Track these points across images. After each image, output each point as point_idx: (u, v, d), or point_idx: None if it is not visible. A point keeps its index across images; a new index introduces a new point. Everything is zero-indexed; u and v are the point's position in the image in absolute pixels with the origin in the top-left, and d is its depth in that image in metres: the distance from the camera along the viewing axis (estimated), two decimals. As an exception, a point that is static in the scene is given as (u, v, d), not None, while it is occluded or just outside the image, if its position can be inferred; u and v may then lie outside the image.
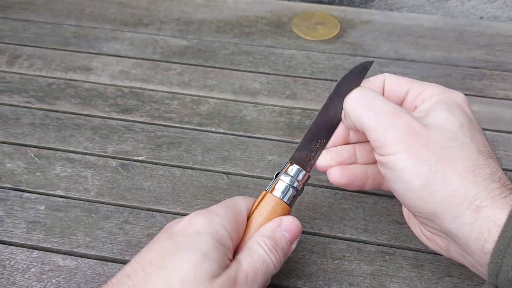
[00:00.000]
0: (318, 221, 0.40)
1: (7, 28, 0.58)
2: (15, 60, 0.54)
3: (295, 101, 0.50)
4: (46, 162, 0.44)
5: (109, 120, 0.48)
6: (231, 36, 0.58)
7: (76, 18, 0.60)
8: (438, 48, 0.57)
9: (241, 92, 0.51)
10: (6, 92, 0.50)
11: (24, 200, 0.41)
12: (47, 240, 0.38)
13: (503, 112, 0.49)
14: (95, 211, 0.40)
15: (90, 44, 0.56)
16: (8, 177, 0.43)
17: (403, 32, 0.59)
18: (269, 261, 0.29)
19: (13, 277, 0.36)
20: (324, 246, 0.38)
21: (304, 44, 0.57)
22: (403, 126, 0.29)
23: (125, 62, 0.54)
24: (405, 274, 0.37)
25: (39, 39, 0.57)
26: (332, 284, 0.36)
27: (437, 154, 0.28)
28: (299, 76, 0.53)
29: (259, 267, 0.29)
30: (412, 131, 0.28)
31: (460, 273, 0.37)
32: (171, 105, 0.49)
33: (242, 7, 0.62)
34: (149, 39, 0.57)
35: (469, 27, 0.60)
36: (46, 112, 0.48)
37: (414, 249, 0.38)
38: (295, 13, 0.62)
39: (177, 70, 0.53)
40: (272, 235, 0.30)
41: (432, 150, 0.28)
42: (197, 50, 0.56)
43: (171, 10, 0.62)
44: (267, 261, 0.29)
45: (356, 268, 0.37)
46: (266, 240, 0.30)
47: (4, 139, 0.46)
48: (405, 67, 0.54)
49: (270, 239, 0.30)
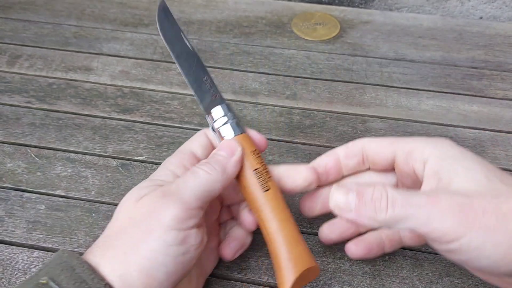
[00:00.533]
0: (318, 221, 0.40)
1: (8, 28, 0.58)
2: (16, 60, 0.54)
3: (295, 101, 0.50)
4: (47, 162, 0.44)
5: (109, 120, 0.48)
6: (231, 36, 0.58)
7: (76, 18, 0.60)
8: (438, 48, 0.57)
9: (241, 92, 0.51)
10: (7, 92, 0.50)
11: (24, 200, 0.41)
12: (48, 240, 0.38)
13: (503, 112, 0.50)
14: (96, 211, 0.40)
15: (90, 44, 0.56)
16: (9, 177, 0.43)
17: (402, 32, 0.59)
18: (198, 170, 0.30)
19: (14, 277, 0.36)
20: (324, 246, 0.38)
21: (304, 44, 0.57)
22: (450, 206, 0.28)
23: (125, 62, 0.54)
24: (404, 274, 0.37)
25: (40, 39, 0.57)
26: (332, 284, 0.36)
27: (497, 215, 0.27)
28: (299, 76, 0.53)
29: (190, 176, 0.30)
30: (462, 207, 0.27)
31: (460, 272, 0.37)
32: (172, 105, 0.50)
33: (242, 8, 0.62)
34: (149, 39, 0.57)
35: (469, 27, 0.60)
36: (46, 112, 0.49)
37: (414, 248, 0.38)
38: (295, 14, 0.62)
39: (177, 70, 0.54)
40: (208, 157, 0.32)
41: (490, 214, 0.27)
42: (197, 50, 0.56)
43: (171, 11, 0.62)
44: (196, 170, 0.30)
45: (355, 268, 0.37)
46: (201, 162, 0.32)
47: (4, 139, 0.46)
48: (404, 67, 0.55)
49: (205, 160, 0.32)
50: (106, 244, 0.28)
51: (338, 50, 0.57)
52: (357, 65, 0.55)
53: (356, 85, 0.52)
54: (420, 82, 0.53)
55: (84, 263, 0.27)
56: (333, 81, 0.53)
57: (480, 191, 0.28)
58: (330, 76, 0.53)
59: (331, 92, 0.51)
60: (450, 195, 0.28)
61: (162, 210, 0.28)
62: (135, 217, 0.29)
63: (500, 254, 0.27)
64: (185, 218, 0.28)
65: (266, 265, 0.37)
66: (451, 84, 0.53)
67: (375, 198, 0.28)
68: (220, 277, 0.37)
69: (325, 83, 0.53)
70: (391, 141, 0.33)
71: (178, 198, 0.29)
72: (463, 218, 0.27)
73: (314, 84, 0.52)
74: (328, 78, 0.53)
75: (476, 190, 0.28)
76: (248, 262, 0.37)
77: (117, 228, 0.29)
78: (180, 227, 0.28)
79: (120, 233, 0.29)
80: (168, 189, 0.29)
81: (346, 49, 0.57)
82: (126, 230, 0.28)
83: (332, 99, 0.51)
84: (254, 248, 0.38)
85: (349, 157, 0.34)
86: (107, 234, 0.29)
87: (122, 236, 0.28)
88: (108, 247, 0.28)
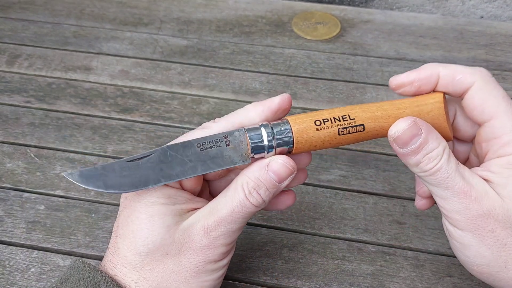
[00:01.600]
0: (319, 221, 0.40)
1: (7, 28, 0.58)
2: (15, 60, 0.54)
3: (296, 101, 0.50)
4: (46, 162, 0.44)
5: (109, 120, 0.48)
6: (231, 35, 0.58)
7: (76, 18, 0.60)
8: (439, 47, 0.57)
9: (241, 92, 0.51)
10: (6, 91, 0.50)
11: (24, 200, 0.41)
12: (47, 240, 0.38)
13: (504, 112, 0.49)
14: (95, 211, 0.40)
15: (90, 43, 0.56)
16: (8, 177, 0.43)
17: (403, 31, 0.59)
18: (249, 204, 0.28)
19: (13, 277, 0.36)
20: (325, 246, 0.38)
21: (304, 43, 0.57)
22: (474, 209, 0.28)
23: (125, 61, 0.54)
24: (405, 274, 0.37)
25: (39, 39, 0.57)
26: (333, 284, 0.36)
27: (501, 241, 0.28)
28: (300, 75, 0.53)
29: (238, 212, 0.28)
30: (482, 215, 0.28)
31: (461, 273, 0.37)
32: (171, 104, 0.49)
33: (242, 7, 0.62)
34: (149, 39, 0.57)
35: (470, 27, 0.60)
36: (46, 112, 0.48)
37: (415, 249, 0.38)
38: (295, 13, 0.62)
39: (177, 69, 0.53)
40: (257, 177, 0.29)
41: (497, 236, 0.28)
42: (197, 49, 0.56)
43: (171, 10, 0.61)
44: (247, 205, 0.28)
45: (356, 268, 0.37)
46: (249, 182, 0.28)
47: (4, 139, 0.46)
48: (405, 66, 0.54)
49: (254, 180, 0.28)
50: (149, 281, 0.28)
51: (338, 50, 0.57)
52: (358, 64, 0.55)
53: (356, 84, 0.52)
54: (421, 82, 0.53)
55: (108, 278, 0.27)
56: (334, 80, 0.53)
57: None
58: (331, 76, 0.53)
59: (331, 92, 0.51)
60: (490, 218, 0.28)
61: (209, 250, 0.28)
62: (175, 255, 0.28)
63: (476, 263, 0.29)
64: (230, 249, 0.29)
65: (267, 266, 0.37)
66: (452, 83, 0.53)
67: (431, 156, 0.28)
68: (220, 277, 0.36)
69: (326, 83, 0.52)
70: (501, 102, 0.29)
71: (225, 237, 0.28)
72: (474, 219, 0.28)
73: (315, 84, 0.52)
74: (328, 77, 0.53)
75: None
76: (248, 262, 0.37)
77: (154, 264, 0.28)
78: (226, 256, 0.29)
79: (161, 270, 0.28)
80: (214, 226, 0.28)
81: (347, 49, 0.57)
82: (168, 267, 0.28)
83: (333, 99, 0.51)
84: (254, 248, 0.38)
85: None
86: (140, 267, 0.28)
87: (166, 274, 0.28)
88: (152, 285, 0.28)
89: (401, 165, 0.44)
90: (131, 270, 0.28)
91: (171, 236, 0.28)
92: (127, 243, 0.29)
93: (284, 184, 0.29)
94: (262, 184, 0.28)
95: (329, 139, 0.29)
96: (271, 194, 0.29)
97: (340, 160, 0.45)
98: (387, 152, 0.45)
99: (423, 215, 0.40)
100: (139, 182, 0.27)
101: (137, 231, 0.28)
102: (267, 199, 0.29)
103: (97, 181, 0.27)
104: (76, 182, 0.27)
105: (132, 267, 0.28)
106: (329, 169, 0.44)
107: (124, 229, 0.29)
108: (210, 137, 0.29)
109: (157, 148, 0.29)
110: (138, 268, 0.28)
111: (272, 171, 0.29)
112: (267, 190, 0.29)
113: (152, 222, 0.28)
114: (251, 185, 0.28)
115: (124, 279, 0.28)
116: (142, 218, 0.28)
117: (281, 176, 0.29)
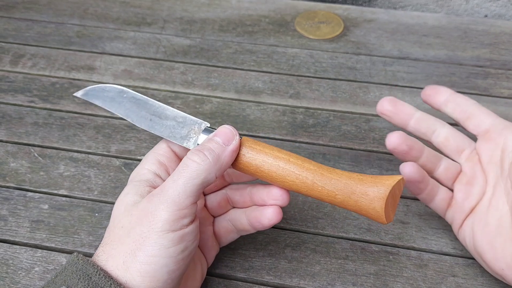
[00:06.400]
0: (322, 221, 0.40)
1: (11, 28, 0.58)
2: (19, 60, 0.54)
3: (299, 100, 0.50)
4: (50, 161, 0.44)
5: (112, 120, 0.48)
6: (234, 35, 0.58)
7: (79, 18, 0.60)
8: (442, 46, 0.57)
9: (244, 91, 0.51)
10: (10, 91, 0.50)
11: (27, 199, 0.41)
12: (51, 239, 0.38)
13: (508, 111, 0.49)
14: (99, 211, 0.40)
15: (93, 43, 0.56)
16: (12, 177, 0.43)
17: (407, 30, 0.59)
18: (189, 162, 0.29)
19: (17, 276, 0.36)
20: (328, 245, 0.38)
21: (307, 43, 0.57)
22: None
23: (128, 61, 0.54)
24: (408, 274, 0.37)
25: (43, 39, 0.57)
26: (336, 284, 0.36)
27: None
28: (303, 75, 0.53)
29: (179, 172, 0.28)
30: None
31: (465, 273, 0.36)
32: (174, 104, 0.49)
33: (245, 6, 0.62)
34: (152, 38, 0.57)
35: (474, 26, 0.60)
36: (49, 112, 0.49)
37: (418, 248, 0.38)
38: (298, 12, 0.61)
39: (180, 69, 0.53)
40: (201, 144, 0.30)
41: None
42: (200, 49, 0.56)
43: (174, 9, 0.62)
44: (188, 163, 0.29)
45: (359, 268, 0.37)
46: (192, 150, 0.30)
47: (7, 138, 0.46)
48: (409, 65, 0.54)
49: (197, 147, 0.30)
50: (105, 254, 0.29)
51: (341, 49, 0.56)
52: (361, 63, 0.55)
53: (360, 84, 0.52)
54: (425, 81, 0.52)
55: (100, 270, 0.27)
56: (337, 80, 0.53)
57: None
58: (334, 75, 0.53)
59: (334, 91, 0.51)
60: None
61: (152, 216, 0.28)
62: (126, 226, 0.29)
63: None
64: (178, 219, 0.28)
65: (269, 265, 0.37)
66: (455, 83, 0.52)
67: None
68: (223, 277, 0.36)
69: (329, 82, 0.52)
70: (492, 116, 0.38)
71: (168, 200, 0.28)
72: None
73: (318, 83, 0.52)
74: (331, 77, 0.53)
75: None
76: (251, 262, 0.37)
77: (113, 237, 0.29)
78: (174, 228, 0.28)
79: (115, 242, 0.29)
80: (156, 192, 0.29)
81: (350, 48, 0.57)
82: (120, 239, 0.28)
83: (336, 98, 0.50)
84: (257, 247, 0.38)
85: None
86: (105, 242, 0.29)
87: (118, 246, 0.28)
88: (107, 257, 0.28)
89: (405, 164, 0.44)
90: (99, 247, 0.29)
91: (128, 210, 0.29)
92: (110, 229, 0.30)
93: (230, 147, 0.30)
94: (205, 146, 0.30)
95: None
96: (215, 153, 0.29)
97: (343, 159, 0.44)
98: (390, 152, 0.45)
99: (427, 214, 0.40)
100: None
101: (112, 212, 0.31)
102: (210, 156, 0.29)
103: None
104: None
105: (101, 244, 0.29)
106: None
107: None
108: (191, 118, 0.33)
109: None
110: (103, 243, 0.29)
111: (215, 136, 0.30)
112: (210, 149, 0.29)
113: (118, 200, 0.31)
114: (194, 150, 0.30)
115: (95, 257, 0.29)
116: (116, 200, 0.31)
117: (224, 136, 0.30)
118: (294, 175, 0.30)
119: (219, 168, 0.29)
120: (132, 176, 0.32)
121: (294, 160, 0.30)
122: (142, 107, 0.33)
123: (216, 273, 0.36)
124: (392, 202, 0.30)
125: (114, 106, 0.33)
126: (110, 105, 0.34)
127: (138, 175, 0.32)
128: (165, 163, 0.32)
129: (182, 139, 0.32)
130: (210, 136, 0.31)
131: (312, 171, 0.30)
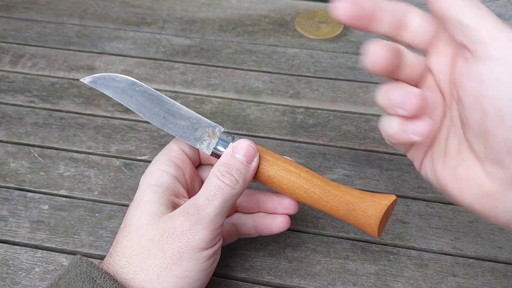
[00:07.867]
0: (322, 221, 0.40)
1: (10, 28, 0.58)
2: (18, 60, 0.54)
3: (299, 100, 0.50)
4: (50, 161, 0.44)
5: (112, 120, 0.48)
6: (234, 35, 0.58)
7: (79, 18, 0.60)
8: (442, 46, 0.57)
9: (244, 91, 0.51)
10: (10, 91, 0.50)
11: (27, 199, 0.41)
12: (51, 239, 0.38)
13: (508, 111, 0.49)
14: (99, 211, 0.40)
15: (93, 43, 0.56)
16: (12, 177, 0.43)
17: (406, 30, 0.59)
18: (223, 186, 0.30)
19: (17, 276, 0.36)
20: (328, 245, 0.38)
21: (307, 42, 0.57)
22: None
23: (128, 61, 0.54)
24: (409, 274, 0.37)
25: (42, 39, 0.57)
26: (336, 284, 0.36)
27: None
28: (303, 75, 0.53)
29: (214, 194, 0.29)
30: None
31: (465, 272, 0.37)
32: (174, 104, 0.49)
33: (245, 6, 0.62)
34: (152, 38, 0.57)
35: (473, 25, 0.60)
36: (49, 112, 0.48)
37: (418, 248, 0.38)
38: (298, 12, 0.61)
39: (180, 69, 0.53)
40: (226, 162, 0.31)
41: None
42: (200, 49, 0.56)
43: (174, 9, 0.62)
44: (222, 187, 0.29)
45: (360, 268, 0.37)
46: (220, 167, 0.30)
47: (7, 138, 0.46)
48: (408, 65, 0.54)
49: (223, 165, 0.30)
50: (134, 267, 0.29)
51: (341, 49, 0.56)
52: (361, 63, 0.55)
53: (360, 83, 0.52)
54: (424, 81, 0.52)
55: (104, 273, 0.28)
56: (337, 79, 0.53)
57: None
58: (334, 75, 0.53)
59: (334, 91, 0.51)
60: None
61: (191, 233, 0.29)
62: (157, 240, 0.29)
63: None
64: (214, 237, 0.30)
65: (270, 265, 0.37)
66: (455, 82, 0.52)
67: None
68: (223, 277, 0.36)
69: (329, 82, 0.52)
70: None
71: (206, 220, 0.29)
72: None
73: (318, 83, 0.52)
74: (331, 77, 0.53)
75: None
76: (251, 262, 0.37)
77: (140, 249, 0.29)
78: (210, 245, 0.30)
79: (144, 255, 0.29)
80: (193, 212, 0.29)
81: (350, 48, 0.57)
82: (151, 253, 0.29)
83: (336, 98, 0.50)
84: (258, 248, 0.38)
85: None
86: (128, 253, 0.29)
87: (149, 260, 0.29)
88: (136, 269, 0.29)
89: (405, 164, 0.44)
90: (121, 257, 0.29)
91: (156, 221, 0.29)
92: (122, 231, 0.30)
93: (253, 165, 0.31)
94: (232, 166, 0.30)
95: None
96: (242, 174, 0.30)
97: (343, 159, 0.45)
98: (390, 152, 0.45)
99: (427, 214, 0.40)
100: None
101: (129, 218, 0.30)
102: (240, 179, 0.30)
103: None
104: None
105: (122, 253, 0.29)
106: (333, 168, 0.44)
107: (125, 221, 0.31)
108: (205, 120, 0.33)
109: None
110: (126, 254, 0.29)
111: (238, 153, 0.31)
112: (238, 170, 0.30)
113: (140, 208, 0.30)
114: (222, 169, 0.30)
115: (115, 266, 0.29)
116: (135, 206, 0.31)
117: (247, 154, 0.31)
118: (303, 189, 0.32)
119: (245, 188, 0.31)
120: (148, 178, 0.32)
121: (304, 175, 0.32)
122: (156, 104, 0.33)
123: (216, 273, 0.36)
124: (384, 219, 0.32)
125: (125, 99, 0.33)
126: (120, 96, 0.33)
127: (155, 177, 0.31)
128: (181, 166, 0.33)
129: (196, 141, 0.32)
130: (231, 152, 0.31)
131: (320, 187, 0.32)
